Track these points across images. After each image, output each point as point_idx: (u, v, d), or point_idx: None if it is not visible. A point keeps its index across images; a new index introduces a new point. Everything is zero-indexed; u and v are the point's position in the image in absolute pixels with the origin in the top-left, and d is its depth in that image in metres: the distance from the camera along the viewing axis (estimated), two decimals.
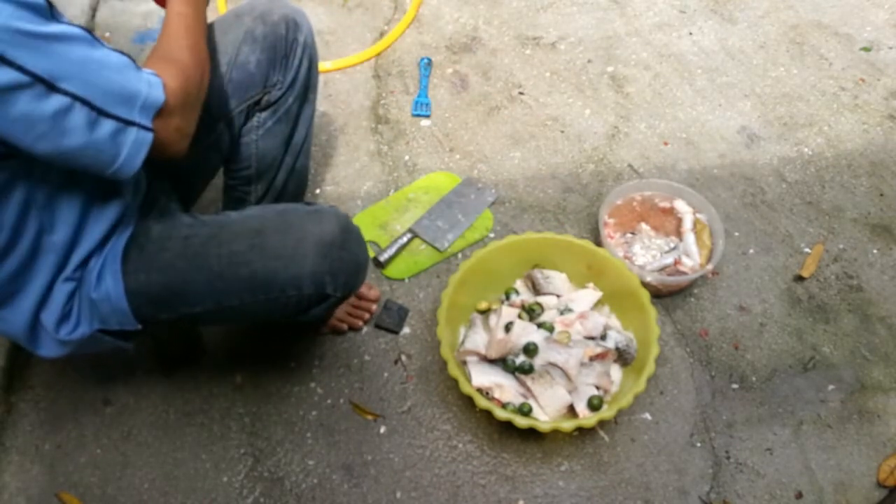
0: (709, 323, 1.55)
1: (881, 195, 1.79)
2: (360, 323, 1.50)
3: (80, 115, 0.85)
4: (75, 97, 0.84)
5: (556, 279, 1.50)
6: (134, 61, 0.93)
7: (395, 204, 1.72)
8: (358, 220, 1.68)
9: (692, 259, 1.55)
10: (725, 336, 1.53)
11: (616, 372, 1.40)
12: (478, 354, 1.39)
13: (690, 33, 2.17)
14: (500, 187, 1.77)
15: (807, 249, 1.67)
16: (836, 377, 1.47)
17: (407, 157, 1.83)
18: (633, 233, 1.61)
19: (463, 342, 1.42)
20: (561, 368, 1.33)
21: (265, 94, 1.28)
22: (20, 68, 0.79)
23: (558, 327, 1.41)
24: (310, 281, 1.07)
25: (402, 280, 1.59)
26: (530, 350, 1.36)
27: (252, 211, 1.15)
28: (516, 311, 1.43)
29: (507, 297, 1.50)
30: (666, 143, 1.88)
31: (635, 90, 2.01)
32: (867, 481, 1.35)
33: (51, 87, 0.82)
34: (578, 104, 1.97)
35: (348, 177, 1.79)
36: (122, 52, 0.92)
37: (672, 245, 1.58)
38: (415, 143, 1.86)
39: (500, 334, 1.38)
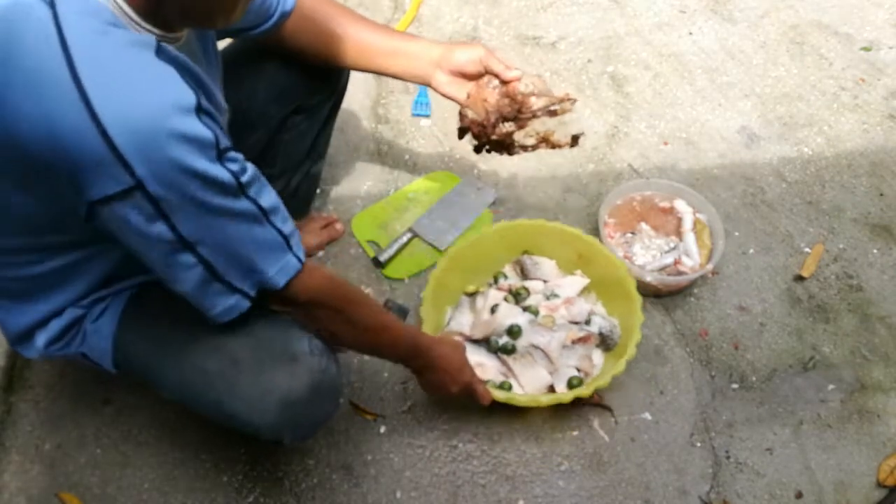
0: (709, 323, 1.55)
1: (881, 195, 1.79)
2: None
3: (197, 273, 0.87)
4: (203, 260, 0.86)
5: (545, 265, 1.51)
6: (289, 242, 0.92)
7: (395, 204, 1.72)
8: (358, 220, 1.68)
9: (692, 259, 1.55)
10: (725, 336, 1.53)
11: (598, 356, 1.42)
12: (462, 335, 1.41)
13: (690, 33, 2.17)
14: (499, 187, 1.77)
15: (807, 249, 1.67)
16: (836, 377, 1.47)
17: (407, 157, 1.83)
18: (633, 233, 1.61)
19: (448, 323, 1.44)
20: (542, 350, 1.35)
21: (306, 100, 1.32)
22: (173, 228, 0.82)
23: (543, 311, 1.42)
24: (268, 431, 1.04)
25: (402, 280, 1.59)
26: (514, 332, 1.37)
27: (238, 327, 0.99)
28: (503, 293, 1.45)
29: (496, 281, 1.51)
30: (666, 143, 1.88)
31: (635, 90, 2.01)
32: (867, 481, 1.34)
33: (188, 247, 0.84)
34: (578, 104, 1.97)
35: (348, 177, 1.79)
36: (281, 233, 0.91)
37: (672, 245, 1.58)
38: (415, 143, 1.86)
39: (486, 315, 1.40)
